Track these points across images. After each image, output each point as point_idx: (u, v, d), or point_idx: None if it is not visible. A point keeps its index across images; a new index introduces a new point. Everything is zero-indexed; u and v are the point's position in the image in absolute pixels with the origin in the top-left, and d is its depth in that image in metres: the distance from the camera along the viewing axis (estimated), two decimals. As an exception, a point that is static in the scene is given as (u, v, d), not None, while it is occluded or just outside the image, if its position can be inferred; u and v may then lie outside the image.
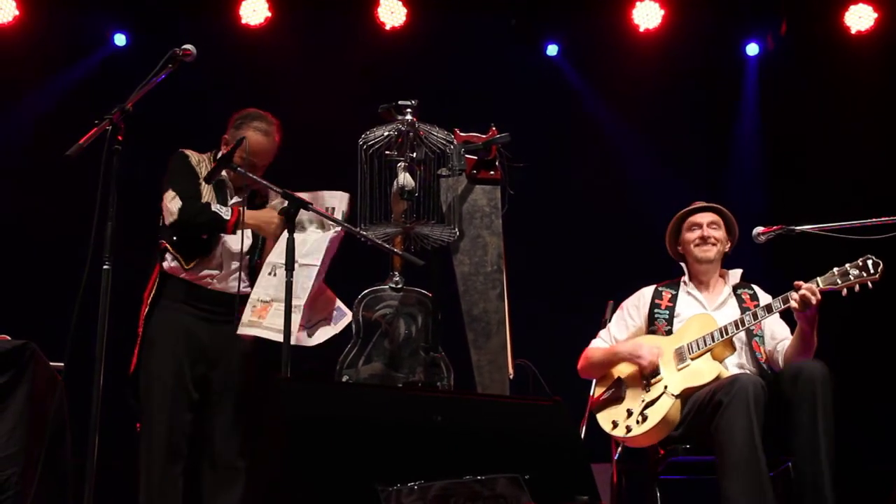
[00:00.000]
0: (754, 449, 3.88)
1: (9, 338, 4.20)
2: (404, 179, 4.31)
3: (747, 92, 7.12)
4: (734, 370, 4.29)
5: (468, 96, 6.52)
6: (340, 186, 4.41)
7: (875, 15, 6.79)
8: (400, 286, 4.43)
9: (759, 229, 4.44)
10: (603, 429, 4.41)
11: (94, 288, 3.56)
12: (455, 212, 4.43)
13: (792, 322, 4.32)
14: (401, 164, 4.33)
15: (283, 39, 6.82)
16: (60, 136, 3.78)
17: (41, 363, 4.16)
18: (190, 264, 4.37)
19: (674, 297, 4.57)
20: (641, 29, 6.89)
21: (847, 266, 4.09)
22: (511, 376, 4.44)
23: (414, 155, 4.35)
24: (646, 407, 4.26)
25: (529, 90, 6.92)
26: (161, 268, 4.39)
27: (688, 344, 4.32)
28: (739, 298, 4.52)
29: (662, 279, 4.69)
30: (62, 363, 4.13)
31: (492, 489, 3.07)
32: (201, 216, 4.31)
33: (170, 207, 4.29)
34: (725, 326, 4.27)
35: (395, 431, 3.18)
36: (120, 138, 3.62)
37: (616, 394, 4.44)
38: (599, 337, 4.68)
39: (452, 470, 3.08)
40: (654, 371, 4.33)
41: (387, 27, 6.83)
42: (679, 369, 4.30)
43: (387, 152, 4.35)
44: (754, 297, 4.52)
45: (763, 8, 7.00)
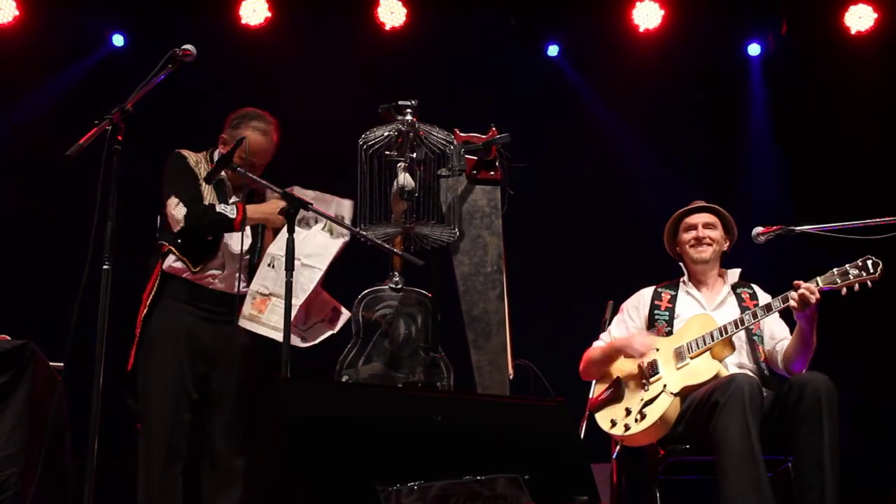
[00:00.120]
0: (751, 448, 3.87)
1: (9, 338, 4.19)
2: (404, 180, 4.31)
3: (754, 92, 7.11)
4: (733, 369, 4.29)
5: (468, 96, 6.52)
6: (340, 186, 4.41)
7: (875, 15, 6.79)
8: (400, 286, 4.43)
9: (759, 229, 4.43)
10: (601, 428, 4.41)
11: (94, 288, 3.56)
12: (455, 212, 4.43)
13: (792, 321, 4.31)
14: (401, 165, 4.34)
15: (283, 39, 6.82)
16: (60, 136, 3.78)
17: (41, 363, 4.16)
18: (197, 267, 4.36)
19: (673, 298, 4.57)
20: (641, 29, 6.89)
21: (847, 266, 4.09)
22: (511, 376, 4.44)
23: (414, 155, 4.36)
24: (644, 405, 4.26)
25: (529, 90, 6.91)
26: (161, 268, 4.38)
27: (687, 343, 4.32)
28: (739, 297, 4.52)
29: (662, 279, 4.69)
30: (62, 363, 4.12)
31: (491, 489, 3.07)
32: (207, 218, 4.30)
33: (175, 215, 4.28)
34: (725, 326, 4.27)
35: (395, 431, 3.18)
36: (120, 138, 3.62)
37: (615, 393, 4.43)
38: (600, 339, 4.68)
39: (452, 470, 3.08)
40: (654, 370, 4.33)
41: (386, 27, 6.83)
42: (678, 368, 4.29)
43: (387, 152, 4.35)
44: (753, 297, 4.52)
45: (763, 8, 7.00)
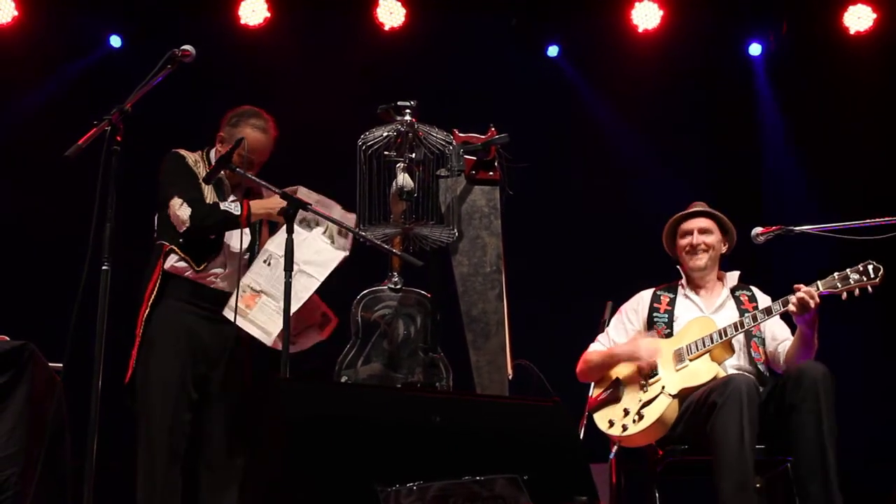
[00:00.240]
0: (744, 452, 3.89)
1: (8, 338, 4.19)
2: (403, 180, 4.31)
3: (761, 91, 7.10)
4: (732, 372, 4.29)
5: (467, 97, 6.52)
6: (340, 187, 4.41)
7: (874, 15, 6.79)
8: (399, 287, 4.43)
9: (758, 230, 4.42)
10: (599, 428, 4.41)
11: (93, 288, 3.55)
12: (454, 212, 4.43)
13: (793, 323, 4.31)
14: (400, 165, 4.33)
15: (283, 40, 6.82)
16: (59, 137, 3.78)
17: (40, 364, 4.16)
18: (201, 266, 4.37)
19: (672, 301, 4.57)
20: (640, 29, 6.89)
21: (848, 270, 4.09)
22: (510, 377, 4.44)
23: (413, 155, 4.35)
24: (643, 406, 4.26)
25: (529, 91, 6.92)
26: (162, 267, 4.38)
27: (687, 345, 4.32)
28: (738, 300, 4.51)
29: (661, 280, 4.69)
30: (61, 364, 4.12)
31: (490, 490, 3.07)
32: (213, 217, 4.31)
33: (180, 215, 4.28)
34: (725, 328, 4.27)
35: (394, 432, 3.18)
36: (119, 139, 3.61)
37: (614, 394, 4.43)
38: (598, 341, 4.68)
39: (451, 470, 3.08)
40: (653, 371, 4.33)
41: (386, 27, 6.83)
42: (677, 370, 4.29)
43: (386, 153, 4.35)
44: (753, 299, 4.51)
45: (763, 8, 7.00)
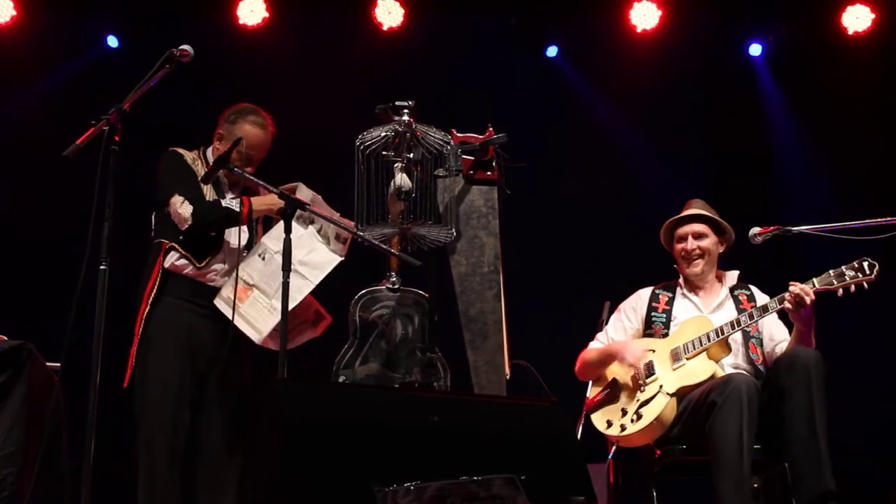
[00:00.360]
0: (741, 453, 3.89)
1: (6, 338, 4.19)
2: (401, 180, 4.31)
3: (767, 91, 7.09)
4: (729, 370, 4.30)
5: (465, 97, 6.51)
6: (338, 187, 4.41)
7: (872, 16, 6.79)
8: (397, 287, 4.42)
9: (756, 230, 4.42)
10: (597, 428, 4.41)
11: (91, 288, 3.56)
12: (452, 212, 4.43)
13: (791, 323, 4.31)
14: (398, 165, 4.33)
15: (281, 40, 6.82)
16: (57, 137, 3.78)
17: (38, 363, 4.16)
18: (202, 262, 4.37)
19: (671, 300, 4.57)
20: (639, 29, 6.89)
21: (843, 267, 4.10)
22: (508, 377, 4.44)
23: (411, 155, 4.35)
24: (640, 406, 4.26)
25: (527, 90, 6.92)
26: (162, 266, 4.38)
27: (684, 344, 4.32)
28: (736, 300, 4.52)
29: (660, 279, 4.69)
30: (59, 363, 4.12)
31: (488, 490, 3.07)
32: (214, 214, 4.32)
33: (182, 214, 4.28)
34: (721, 327, 4.28)
35: (392, 432, 3.18)
36: (117, 139, 3.62)
37: (611, 394, 4.44)
38: (597, 339, 4.68)
39: (449, 470, 3.08)
40: (650, 371, 4.33)
41: (384, 27, 6.83)
42: (674, 369, 4.30)
43: (384, 153, 4.35)
44: (751, 298, 4.51)
45: (761, 8, 7.00)
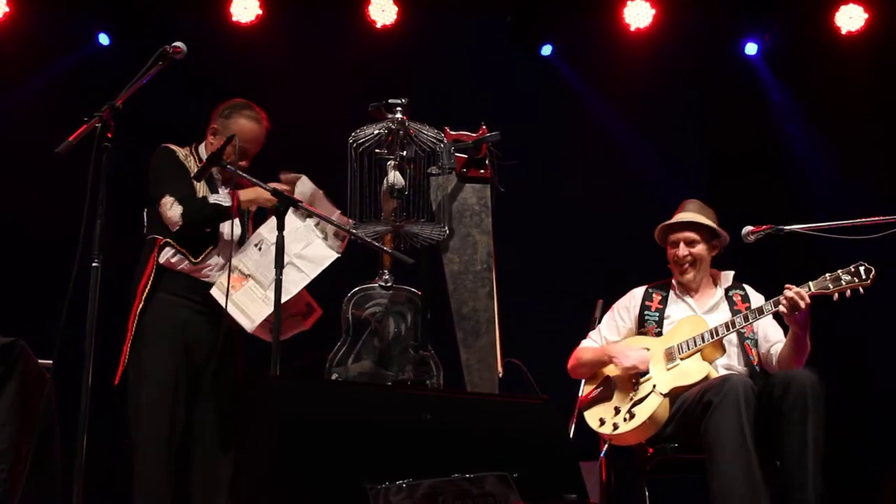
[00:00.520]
0: (746, 449, 3.88)
1: (-2, 335, 4.19)
2: (394, 178, 4.31)
3: (769, 89, 7.09)
4: (723, 372, 4.29)
5: (459, 95, 6.51)
6: (331, 185, 4.41)
7: (865, 15, 6.79)
8: (389, 284, 4.43)
9: (749, 228, 4.41)
10: (590, 426, 4.41)
11: (84, 285, 3.55)
12: (445, 210, 4.43)
13: (786, 325, 4.31)
14: (391, 163, 4.34)
15: (274, 37, 6.80)
16: (50, 133, 3.77)
17: (30, 360, 4.15)
18: (198, 258, 4.37)
19: (664, 300, 4.57)
20: (632, 28, 6.90)
21: (839, 272, 4.09)
22: (500, 375, 4.44)
23: (404, 153, 4.36)
24: (634, 405, 4.26)
25: (521, 89, 6.92)
26: (156, 262, 4.37)
27: (678, 344, 4.32)
28: (731, 301, 4.51)
29: (653, 278, 4.69)
30: (51, 361, 4.11)
31: (480, 487, 3.08)
32: (203, 212, 4.33)
33: (171, 215, 4.28)
34: (716, 328, 4.27)
35: (385, 430, 3.19)
36: (110, 135, 3.61)
37: (605, 392, 4.44)
38: (590, 337, 4.68)
39: (441, 468, 3.08)
40: (643, 371, 4.33)
41: (377, 25, 6.82)
42: (668, 369, 4.30)
43: (377, 150, 4.35)
44: (746, 299, 4.51)
45: (754, 7, 7.01)
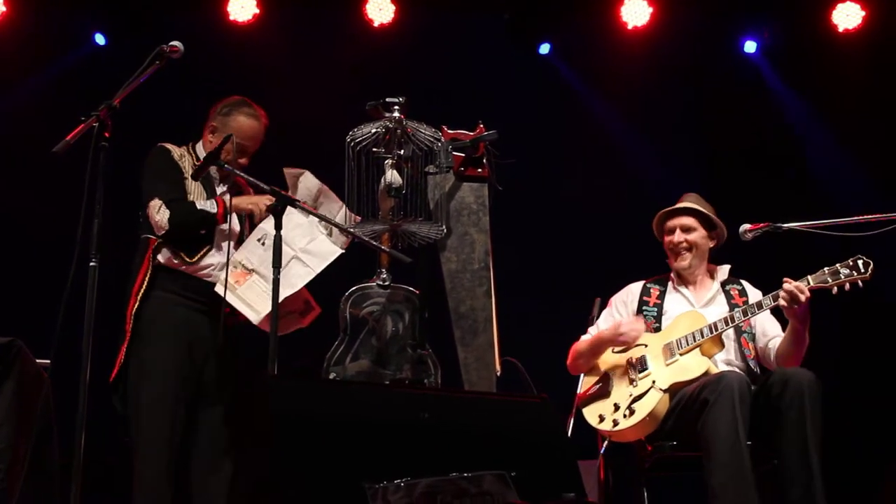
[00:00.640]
0: (739, 447, 3.89)
1: (-5, 335, 4.18)
2: (392, 176, 4.31)
3: (774, 87, 7.09)
4: (722, 367, 4.30)
5: (457, 94, 6.51)
6: (328, 183, 4.41)
7: (862, 13, 6.80)
8: (387, 283, 4.42)
9: (746, 226, 4.41)
10: (589, 423, 4.41)
11: (81, 285, 3.55)
12: (442, 209, 4.43)
13: (784, 319, 4.31)
14: (388, 162, 4.34)
15: (272, 36, 6.80)
16: (47, 133, 3.77)
17: (28, 360, 4.15)
18: (194, 258, 4.36)
19: (662, 294, 4.57)
20: (629, 27, 6.90)
21: (838, 265, 4.10)
22: (498, 374, 4.44)
23: (401, 152, 4.36)
24: (633, 401, 4.26)
25: (519, 87, 6.92)
26: (151, 261, 4.35)
27: (677, 339, 4.32)
28: (728, 295, 4.52)
29: (651, 275, 4.69)
30: (48, 360, 4.11)
31: (478, 486, 3.08)
32: (190, 218, 4.31)
33: (159, 220, 4.27)
34: (715, 323, 4.28)
35: (383, 429, 3.19)
36: (107, 135, 3.61)
37: (603, 389, 4.44)
38: (588, 333, 4.68)
39: (439, 467, 3.09)
40: (642, 365, 4.33)
41: (375, 24, 6.82)
42: (668, 364, 4.30)
43: (374, 149, 4.35)
44: (743, 293, 4.51)
45: (751, 5, 7.01)
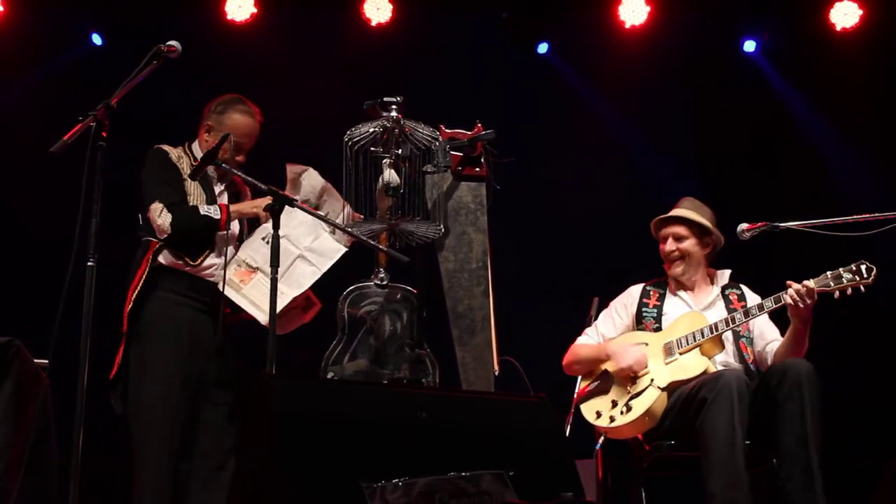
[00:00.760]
0: (737, 446, 3.89)
1: (-7, 335, 4.18)
2: (389, 176, 4.31)
3: (775, 86, 7.09)
4: (721, 368, 4.30)
5: (455, 93, 6.51)
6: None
7: (860, 12, 6.80)
8: (385, 283, 4.42)
9: (744, 226, 4.41)
10: (587, 419, 4.41)
11: (79, 285, 3.55)
12: (440, 208, 4.44)
13: (781, 323, 4.32)
14: (386, 161, 4.34)
15: (269, 36, 6.80)
16: (44, 133, 3.77)
17: (26, 360, 4.13)
18: (196, 261, 4.36)
19: (661, 297, 4.57)
20: (627, 25, 6.90)
21: (840, 269, 4.09)
22: (496, 373, 4.44)
23: (399, 151, 4.36)
24: (631, 398, 4.26)
25: (517, 87, 6.92)
26: (150, 263, 4.34)
27: (677, 339, 4.32)
28: (727, 299, 4.51)
29: (649, 276, 4.69)
30: (46, 360, 4.10)
31: (476, 486, 3.08)
32: (193, 221, 4.31)
33: (161, 224, 4.27)
34: (715, 323, 4.28)
35: (381, 428, 3.19)
36: (104, 135, 3.61)
37: (602, 386, 4.44)
38: (585, 334, 4.67)
39: (437, 466, 3.09)
40: (638, 373, 4.33)
41: (373, 23, 6.82)
42: (667, 363, 4.30)
43: (372, 149, 4.35)
44: (742, 298, 4.51)
45: (749, 4, 7.01)
